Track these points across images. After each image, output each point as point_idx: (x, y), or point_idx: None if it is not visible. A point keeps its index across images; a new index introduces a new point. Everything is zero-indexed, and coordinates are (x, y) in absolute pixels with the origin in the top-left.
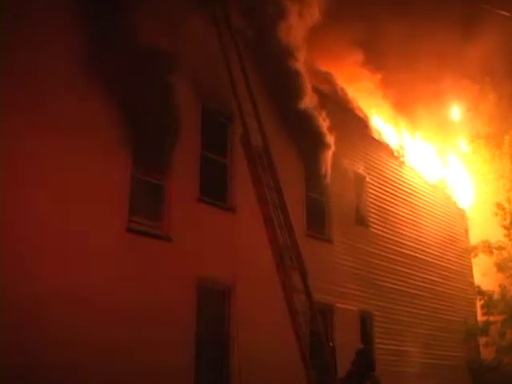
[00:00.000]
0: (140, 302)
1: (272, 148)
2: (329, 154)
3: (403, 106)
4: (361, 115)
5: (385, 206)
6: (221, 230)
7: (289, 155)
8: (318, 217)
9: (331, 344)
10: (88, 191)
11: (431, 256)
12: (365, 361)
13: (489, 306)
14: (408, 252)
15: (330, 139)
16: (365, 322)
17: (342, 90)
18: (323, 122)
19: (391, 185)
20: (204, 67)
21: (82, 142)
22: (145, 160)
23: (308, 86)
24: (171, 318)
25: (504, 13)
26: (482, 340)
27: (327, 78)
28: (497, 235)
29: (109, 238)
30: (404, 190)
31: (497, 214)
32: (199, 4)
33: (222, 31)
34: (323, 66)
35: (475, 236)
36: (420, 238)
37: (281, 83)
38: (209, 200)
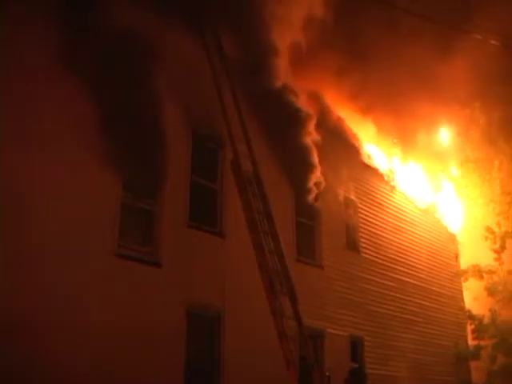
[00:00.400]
0: (128, 327)
1: (263, 174)
2: (319, 180)
3: (392, 131)
4: (351, 140)
5: (376, 231)
6: (211, 255)
7: (279, 181)
8: (308, 242)
9: (327, 374)
10: (77, 216)
11: (422, 280)
12: (359, 380)
13: (479, 331)
14: (399, 277)
15: (320, 165)
16: (355, 348)
17: (332, 113)
18: (314, 148)
19: (382, 210)
20: (195, 93)
21: (71, 166)
22: (134, 185)
23: (301, 113)
24: (160, 344)
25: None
26: (473, 364)
27: (316, 100)
28: (487, 259)
29: (97, 263)
30: (395, 215)
31: (487, 238)
32: (190, 30)
33: (212, 58)
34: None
35: (466, 260)
36: (411, 263)
37: (273, 111)
38: (199, 225)
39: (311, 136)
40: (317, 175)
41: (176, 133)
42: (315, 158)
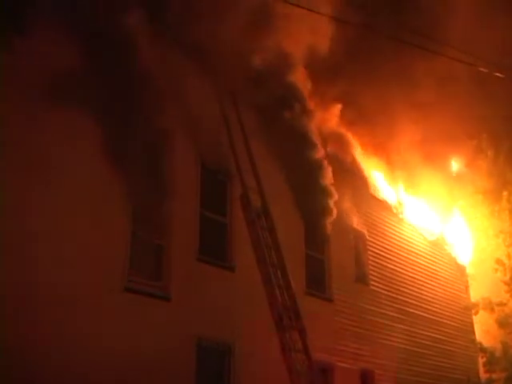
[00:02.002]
0: (138, 360)
1: (272, 207)
2: (331, 216)
3: (399, 163)
4: (359, 172)
5: (385, 264)
6: (220, 289)
7: (289, 214)
8: (317, 275)
9: None
10: (87, 250)
11: (432, 313)
12: None
13: (491, 363)
14: (409, 309)
15: (334, 202)
16: (366, 381)
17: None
18: (328, 184)
19: (391, 242)
20: (203, 126)
21: (82, 200)
22: (144, 220)
23: (316, 146)
24: (170, 378)
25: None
26: None
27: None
28: (498, 291)
29: (107, 297)
30: (403, 247)
31: (497, 270)
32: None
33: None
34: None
35: (476, 292)
36: (420, 296)
37: (286, 142)
38: (208, 259)
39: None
40: (330, 213)
41: (185, 166)
42: (330, 195)
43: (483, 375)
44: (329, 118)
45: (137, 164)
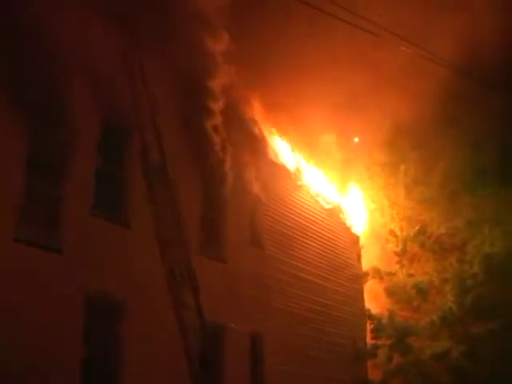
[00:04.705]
0: (24, 315)
1: (171, 164)
2: (227, 174)
3: (301, 130)
4: (259, 135)
5: (281, 229)
6: (115, 244)
7: (188, 172)
8: (213, 236)
9: None
10: None
11: (324, 280)
12: None
13: (377, 330)
14: (301, 274)
15: (229, 158)
16: (255, 343)
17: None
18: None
19: (288, 207)
20: (105, 77)
21: None
22: (39, 170)
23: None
24: (57, 334)
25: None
26: (371, 363)
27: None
28: (388, 262)
29: None
30: (300, 214)
31: (389, 241)
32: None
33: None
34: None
35: (368, 262)
36: (313, 262)
37: (187, 97)
38: (103, 214)
39: (219, 129)
40: (226, 170)
41: (84, 117)
42: (226, 152)
43: (370, 341)
44: (228, 78)
45: (33, 112)
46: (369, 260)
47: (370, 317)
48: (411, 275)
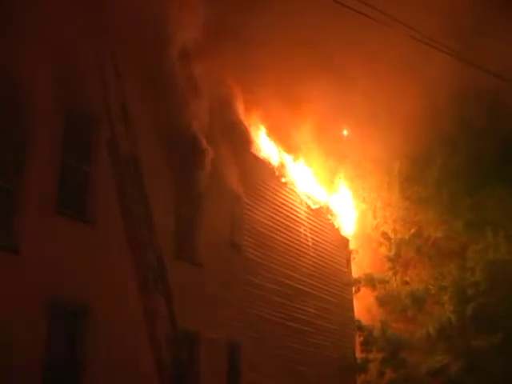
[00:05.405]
0: None
1: (143, 157)
2: (205, 171)
3: (286, 124)
4: (241, 128)
5: (262, 230)
6: (78, 244)
7: (161, 166)
8: (187, 237)
9: None
10: None
11: (310, 286)
12: None
13: (368, 343)
14: (285, 280)
15: (209, 154)
16: (233, 352)
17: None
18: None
19: (270, 207)
20: (72, 65)
21: None
22: None
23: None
24: (15, 343)
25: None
26: (360, 378)
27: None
28: (380, 267)
29: None
30: (284, 214)
31: (381, 245)
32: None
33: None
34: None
35: (358, 267)
36: (298, 267)
37: (161, 90)
38: (66, 211)
39: (201, 121)
40: (204, 166)
41: (46, 107)
42: (205, 148)
43: (359, 355)
44: (211, 70)
45: None
46: (359, 265)
47: (360, 328)
48: (406, 283)
